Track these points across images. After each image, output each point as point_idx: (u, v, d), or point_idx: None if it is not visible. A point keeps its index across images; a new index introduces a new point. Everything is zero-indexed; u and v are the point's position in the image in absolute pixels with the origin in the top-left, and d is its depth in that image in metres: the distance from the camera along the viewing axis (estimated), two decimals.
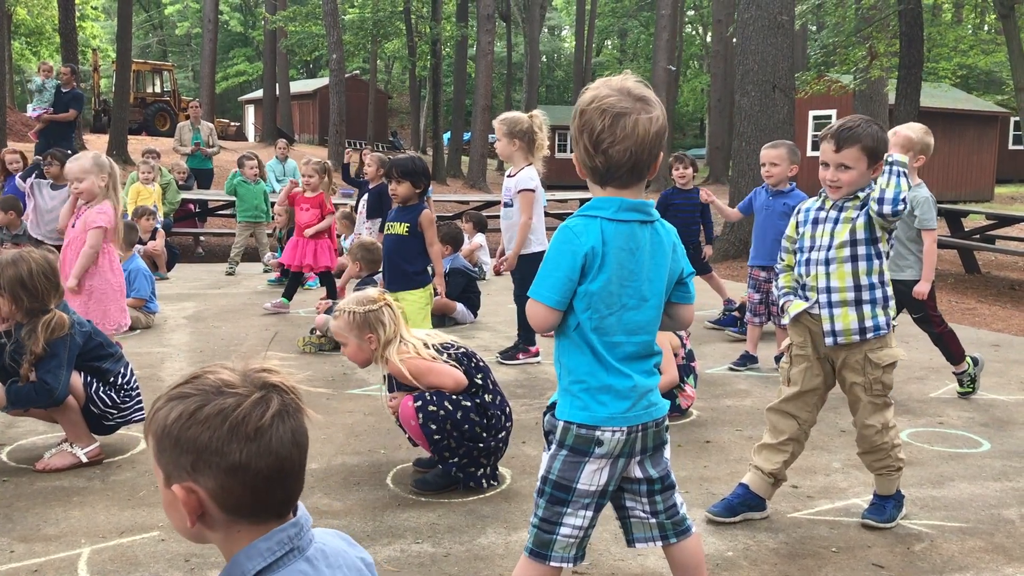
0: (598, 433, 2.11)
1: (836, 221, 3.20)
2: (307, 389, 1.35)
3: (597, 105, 2.07)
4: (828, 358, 3.28)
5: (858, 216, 3.17)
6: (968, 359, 5.16)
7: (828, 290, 3.18)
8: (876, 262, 3.19)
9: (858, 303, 3.16)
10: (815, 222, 3.27)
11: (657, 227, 2.17)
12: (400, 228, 5.19)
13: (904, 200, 3.06)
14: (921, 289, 4.91)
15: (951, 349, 5.14)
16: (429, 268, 5.26)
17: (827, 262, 3.19)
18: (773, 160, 5.79)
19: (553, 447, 2.17)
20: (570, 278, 2.09)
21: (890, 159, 3.14)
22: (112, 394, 3.85)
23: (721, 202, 6.41)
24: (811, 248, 3.25)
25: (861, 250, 3.16)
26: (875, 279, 3.18)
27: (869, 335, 3.16)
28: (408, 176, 5.14)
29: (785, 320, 3.34)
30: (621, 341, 2.13)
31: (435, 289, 5.25)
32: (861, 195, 3.18)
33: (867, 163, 3.12)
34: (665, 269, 2.18)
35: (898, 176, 3.09)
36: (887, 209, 3.06)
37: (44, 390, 3.61)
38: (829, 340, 3.18)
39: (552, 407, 2.22)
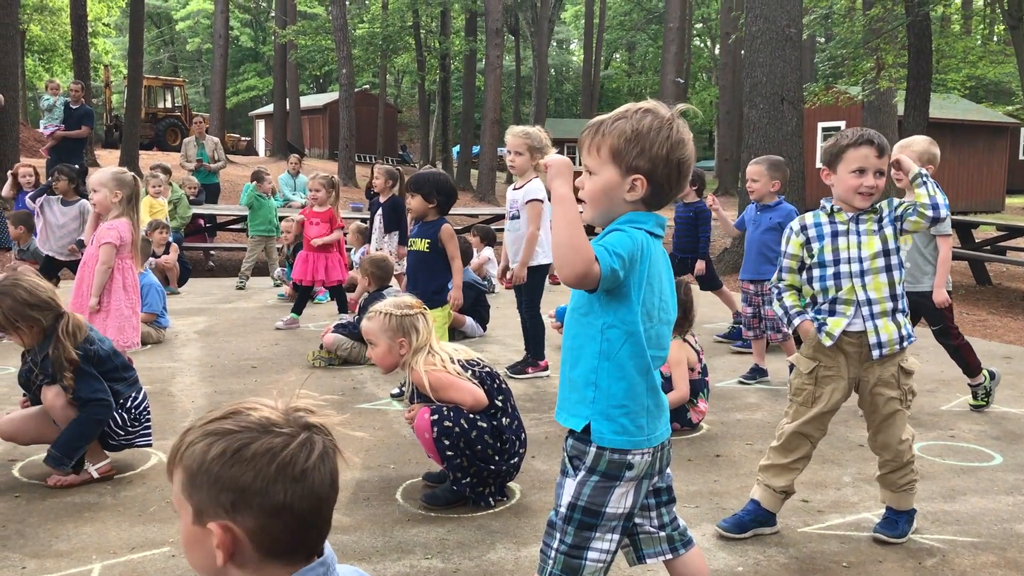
0: (630, 457, 2.10)
1: (859, 233, 3.19)
2: (344, 432, 1.36)
3: (691, 137, 2.10)
4: (856, 379, 3.23)
5: (883, 227, 3.18)
6: (985, 372, 5.14)
7: (869, 302, 3.16)
8: (902, 271, 3.23)
9: (895, 312, 3.18)
10: (834, 235, 3.22)
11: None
12: (421, 244, 5.17)
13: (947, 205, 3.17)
14: (939, 297, 4.90)
15: (968, 362, 5.12)
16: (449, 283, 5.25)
17: (862, 274, 3.17)
18: (752, 176, 5.86)
19: (582, 473, 2.13)
20: (638, 252, 2.02)
21: (921, 171, 3.23)
22: (123, 414, 3.85)
23: (726, 214, 6.39)
24: (836, 262, 3.20)
25: (894, 260, 3.18)
26: (901, 288, 3.22)
27: (906, 343, 3.18)
28: (417, 189, 5.12)
29: (828, 343, 3.20)
30: (656, 356, 2.14)
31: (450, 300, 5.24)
32: (876, 207, 3.20)
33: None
34: (672, 285, 2.21)
35: (936, 185, 3.20)
36: (943, 213, 3.15)
37: (100, 406, 3.64)
38: (876, 353, 3.15)
39: (573, 431, 2.17)
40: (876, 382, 3.19)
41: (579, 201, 2.10)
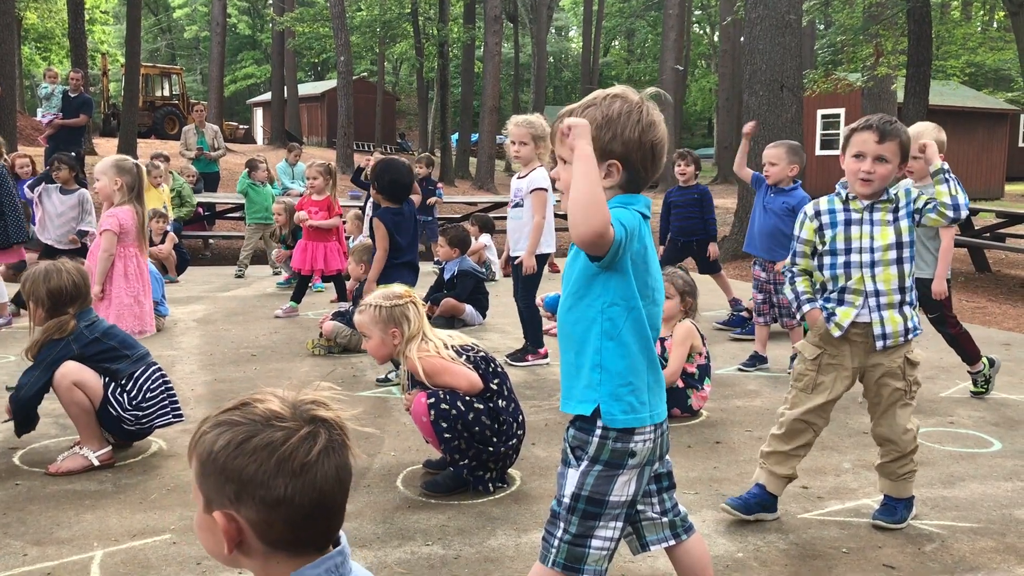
0: (632, 445, 2.11)
1: (872, 223, 3.17)
2: (355, 428, 1.35)
3: (662, 119, 2.11)
4: (860, 369, 3.23)
5: (899, 219, 3.16)
6: (984, 360, 5.14)
7: (876, 293, 3.15)
8: (912, 264, 3.21)
9: (902, 305, 3.16)
10: (847, 223, 3.20)
11: None
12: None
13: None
14: (938, 288, 4.89)
15: (966, 350, 5.12)
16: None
17: (872, 264, 3.15)
18: (771, 159, 5.82)
19: (585, 463, 2.13)
20: (636, 229, 2.03)
21: (944, 167, 3.17)
22: (122, 395, 3.81)
23: (742, 155, 6.17)
24: (848, 251, 3.19)
25: (906, 253, 3.17)
26: (911, 281, 3.21)
27: (911, 336, 3.18)
28: (373, 177, 5.68)
29: (837, 333, 3.20)
30: (651, 336, 2.16)
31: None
32: (891, 196, 3.17)
33: (899, 159, 3.12)
34: (659, 268, 2.22)
35: (957, 182, 3.17)
36: (963, 214, 3.15)
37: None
38: (880, 344, 3.15)
39: (575, 420, 2.17)
40: (883, 373, 3.20)
41: (557, 191, 2.11)
